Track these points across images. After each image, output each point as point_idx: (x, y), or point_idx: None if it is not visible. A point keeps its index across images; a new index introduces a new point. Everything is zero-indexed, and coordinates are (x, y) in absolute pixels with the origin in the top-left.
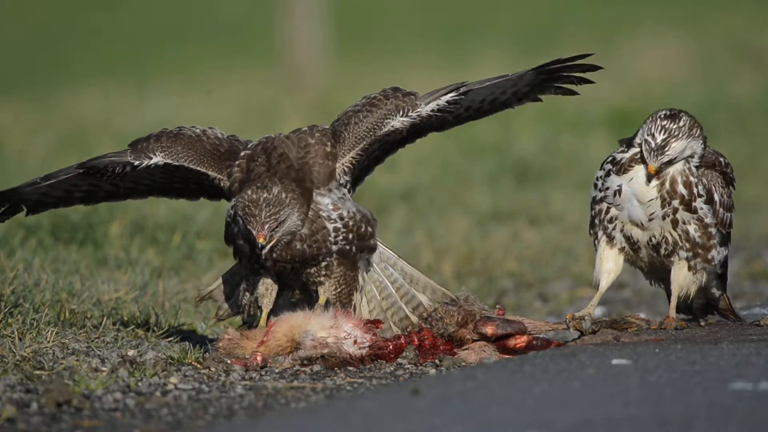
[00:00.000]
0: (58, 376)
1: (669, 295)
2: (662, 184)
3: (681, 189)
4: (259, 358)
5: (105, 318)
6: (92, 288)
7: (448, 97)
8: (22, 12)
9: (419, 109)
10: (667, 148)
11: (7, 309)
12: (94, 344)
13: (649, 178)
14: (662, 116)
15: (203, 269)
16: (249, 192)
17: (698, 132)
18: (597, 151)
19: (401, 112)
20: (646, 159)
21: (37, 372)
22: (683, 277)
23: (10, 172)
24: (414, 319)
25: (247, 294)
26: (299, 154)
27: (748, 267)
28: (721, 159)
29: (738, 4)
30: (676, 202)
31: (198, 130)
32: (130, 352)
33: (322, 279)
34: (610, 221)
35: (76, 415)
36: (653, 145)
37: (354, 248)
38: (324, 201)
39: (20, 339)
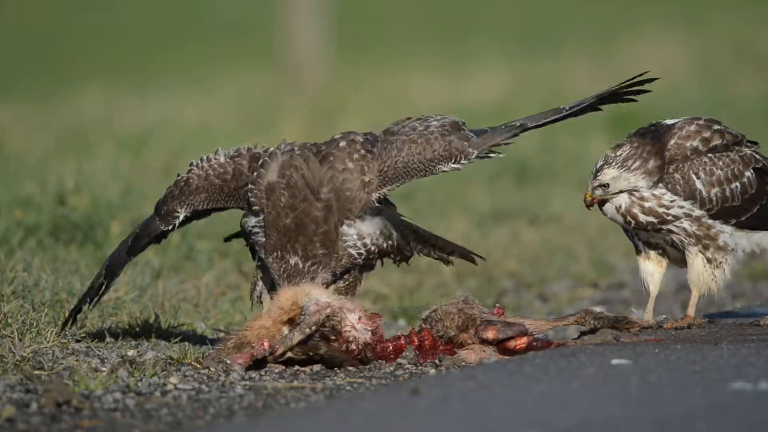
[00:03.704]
0: (57, 376)
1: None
2: (625, 218)
3: (645, 218)
4: (266, 344)
5: (105, 318)
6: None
7: (502, 141)
8: (22, 12)
9: (470, 158)
10: (599, 174)
11: (7, 309)
12: (94, 344)
13: (586, 204)
14: (617, 144)
15: (203, 269)
16: (276, 255)
17: (636, 164)
18: (597, 151)
19: (453, 160)
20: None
21: (37, 372)
22: (696, 276)
23: (10, 172)
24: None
25: (260, 284)
26: (335, 180)
27: (748, 267)
28: (695, 143)
29: (738, 5)
30: (649, 227)
31: (204, 165)
32: (130, 352)
33: (340, 284)
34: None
35: (76, 415)
36: (593, 170)
37: (375, 260)
38: (350, 231)
39: (20, 339)
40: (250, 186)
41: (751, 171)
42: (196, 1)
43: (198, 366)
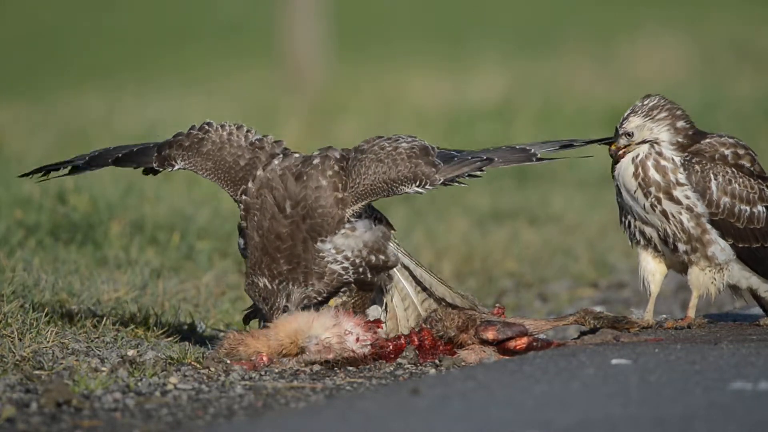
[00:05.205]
0: (57, 376)
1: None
2: (636, 169)
3: (653, 174)
4: (264, 358)
5: (105, 318)
6: (92, 288)
7: (469, 172)
8: (22, 12)
9: (436, 184)
10: (624, 122)
11: (7, 309)
12: (94, 344)
13: (611, 155)
14: (641, 97)
15: (203, 269)
16: (248, 281)
17: (662, 115)
18: (597, 151)
19: (417, 183)
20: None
21: (37, 372)
22: (695, 277)
23: (10, 172)
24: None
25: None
26: (308, 198)
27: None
28: (726, 152)
29: (738, 4)
30: (653, 190)
31: (224, 135)
32: (130, 352)
33: (343, 297)
34: (626, 216)
35: (76, 415)
36: (619, 122)
37: (370, 275)
38: (326, 247)
39: (20, 339)
40: (244, 199)
41: (764, 207)
42: (195, 1)
43: (198, 366)
